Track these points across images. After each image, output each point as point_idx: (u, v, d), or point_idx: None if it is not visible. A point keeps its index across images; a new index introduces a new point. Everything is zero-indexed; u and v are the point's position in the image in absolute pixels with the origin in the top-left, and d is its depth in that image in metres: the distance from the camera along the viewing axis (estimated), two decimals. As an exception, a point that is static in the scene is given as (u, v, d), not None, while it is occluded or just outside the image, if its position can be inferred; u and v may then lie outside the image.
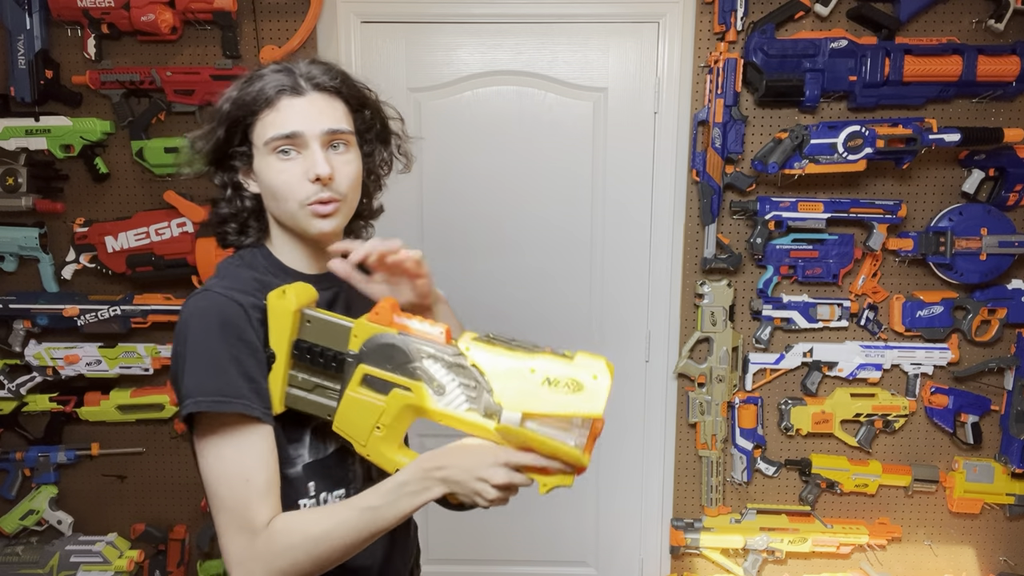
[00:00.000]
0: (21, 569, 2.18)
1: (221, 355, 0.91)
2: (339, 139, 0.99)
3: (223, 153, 1.01)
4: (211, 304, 0.93)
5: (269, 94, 0.96)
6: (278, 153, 0.96)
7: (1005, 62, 1.98)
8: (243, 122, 0.98)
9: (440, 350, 0.89)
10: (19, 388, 2.19)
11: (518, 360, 0.86)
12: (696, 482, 2.31)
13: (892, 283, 2.18)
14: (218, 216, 1.05)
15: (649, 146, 2.18)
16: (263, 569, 0.91)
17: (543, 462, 0.89)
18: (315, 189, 0.96)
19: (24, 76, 2.04)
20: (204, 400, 0.89)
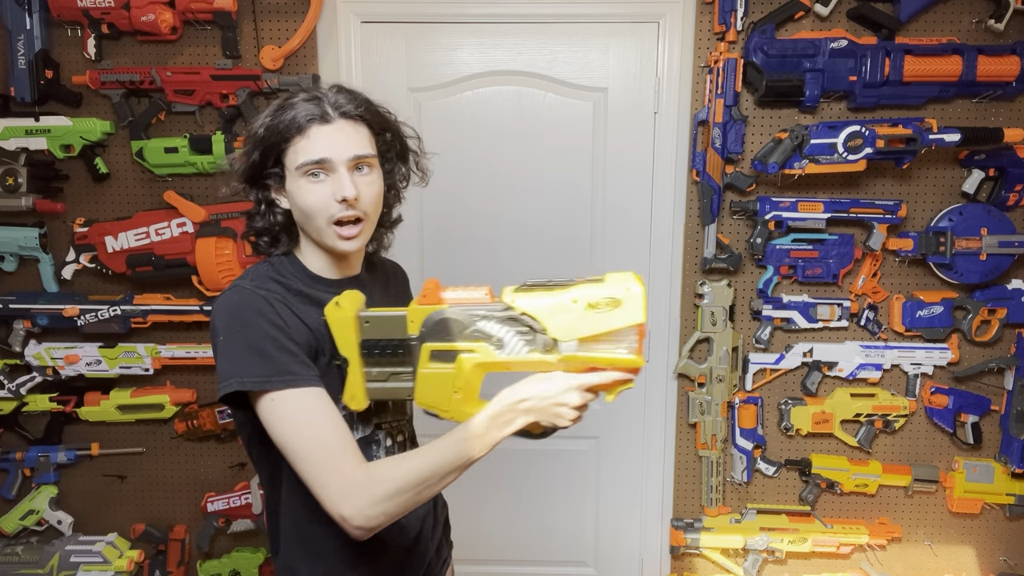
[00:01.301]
0: (21, 569, 2.18)
1: (261, 338, 1.01)
2: (363, 162, 1.09)
3: (258, 173, 1.11)
4: (243, 297, 1.04)
5: (300, 123, 1.06)
6: (309, 176, 1.07)
7: (1005, 62, 1.98)
8: (277, 147, 1.08)
9: (489, 309, 0.99)
10: (19, 388, 2.19)
11: (558, 296, 0.96)
12: (696, 482, 2.31)
13: (892, 283, 2.18)
14: (253, 229, 1.17)
15: (649, 146, 2.18)
16: (366, 499, 0.98)
17: (607, 376, 0.99)
18: (341, 208, 1.07)
19: (24, 76, 2.05)
20: (249, 380, 0.99)
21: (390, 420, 1.20)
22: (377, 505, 0.98)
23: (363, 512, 0.98)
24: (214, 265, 2.05)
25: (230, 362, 1.01)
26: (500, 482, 2.36)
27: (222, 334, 1.02)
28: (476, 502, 2.36)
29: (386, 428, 1.19)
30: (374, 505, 0.98)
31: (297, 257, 1.16)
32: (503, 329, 0.99)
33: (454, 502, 2.45)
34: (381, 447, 1.18)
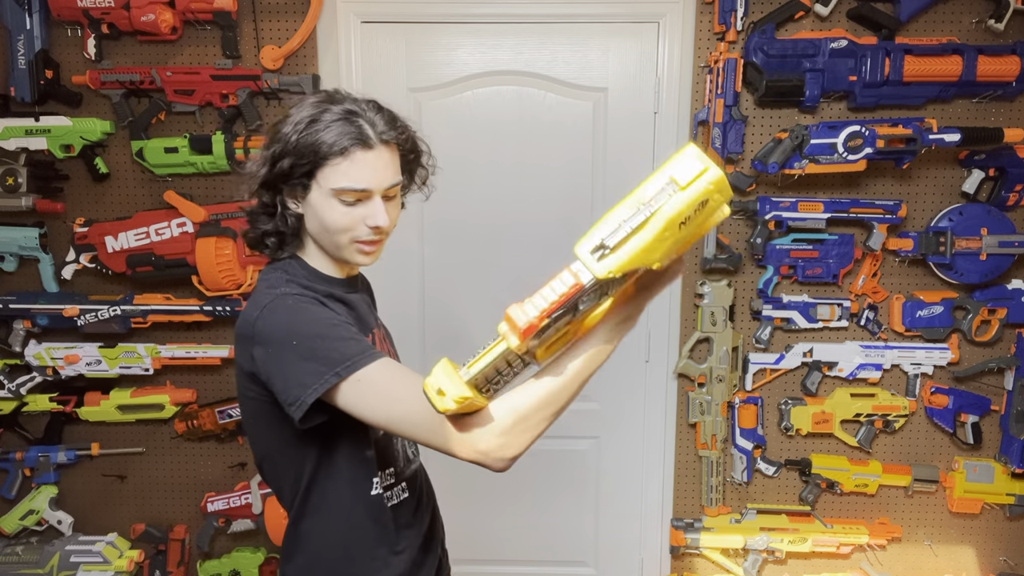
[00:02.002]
0: (21, 569, 2.18)
1: (336, 325, 1.02)
2: (394, 190, 1.12)
3: (281, 180, 1.09)
4: (295, 302, 1.04)
5: (344, 145, 1.04)
6: (342, 198, 1.06)
7: (1005, 62, 1.98)
8: (312, 163, 1.06)
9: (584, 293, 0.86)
10: (19, 388, 2.19)
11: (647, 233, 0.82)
12: (696, 482, 2.31)
13: (892, 283, 2.18)
14: (260, 230, 1.15)
15: (649, 146, 2.18)
16: (497, 428, 0.95)
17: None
18: (368, 232, 1.09)
19: (24, 76, 2.04)
20: (341, 370, 0.97)
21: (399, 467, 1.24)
22: (511, 431, 0.95)
23: (500, 440, 0.95)
24: (214, 265, 2.05)
25: (312, 362, 0.98)
26: (500, 482, 2.35)
27: (286, 343, 1.00)
28: (476, 502, 2.36)
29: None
30: (508, 431, 0.95)
31: (303, 259, 1.16)
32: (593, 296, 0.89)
33: (454, 501, 2.46)
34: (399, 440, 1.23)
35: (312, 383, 0.97)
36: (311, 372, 0.98)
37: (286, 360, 1.00)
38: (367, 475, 1.14)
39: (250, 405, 1.13)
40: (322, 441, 1.11)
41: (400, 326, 2.14)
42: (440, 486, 2.53)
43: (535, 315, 0.84)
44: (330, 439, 1.11)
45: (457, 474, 2.34)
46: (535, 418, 0.96)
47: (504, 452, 0.96)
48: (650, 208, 0.81)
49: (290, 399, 0.99)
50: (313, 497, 1.15)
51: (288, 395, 1.00)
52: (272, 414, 1.08)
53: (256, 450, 1.18)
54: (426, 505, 1.31)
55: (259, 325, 1.03)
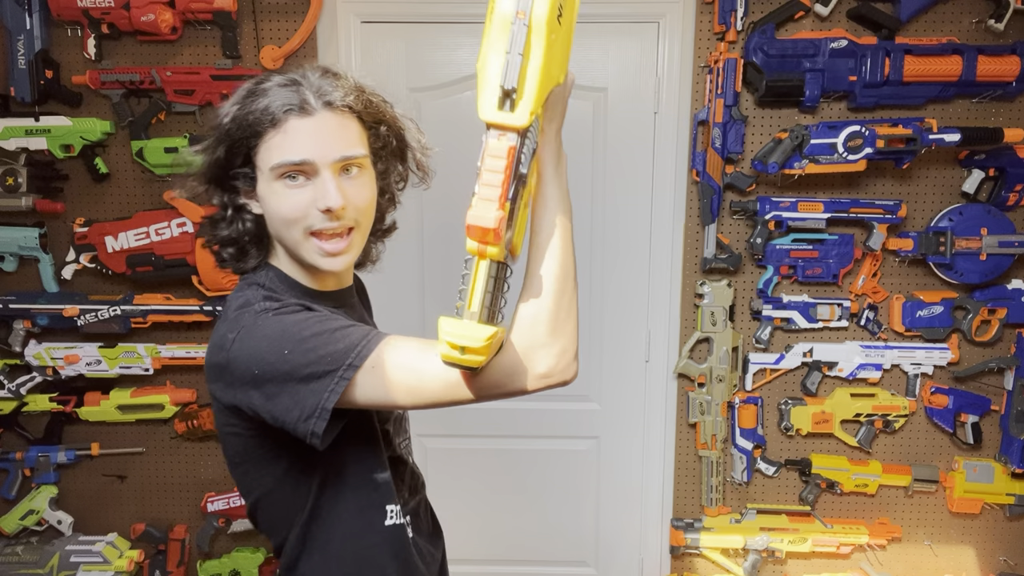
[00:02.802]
0: (21, 569, 2.18)
1: (330, 320, 0.88)
2: (352, 164, 0.92)
3: (224, 173, 0.94)
4: (275, 318, 0.89)
5: (275, 114, 0.88)
6: (285, 179, 0.90)
7: (1005, 62, 1.98)
8: (246, 143, 0.91)
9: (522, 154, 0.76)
10: (19, 388, 2.19)
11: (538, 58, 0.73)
12: (696, 482, 2.31)
13: (892, 283, 2.18)
14: (216, 238, 0.99)
15: (649, 146, 2.18)
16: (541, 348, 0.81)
17: None
18: (323, 219, 0.90)
19: (24, 76, 2.04)
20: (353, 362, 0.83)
21: (405, 439, 1.11)
22: (554, 333, 0.81)
23: (553, 350, 0.81)
24: (214, 265, 2.04)
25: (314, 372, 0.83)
26: (500, 482, 2.36)
27: (280, 359, 0.84)
28: (476, 502, 2.36)
29: (404, 448, 1.10)
30: (551, 336, 0.81)
31: (276, 267, 0.99)
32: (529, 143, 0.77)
33: (454, 501, 2.46)
34: (407, 468, 1.09)
35: (326, 387, 0.83)
36: (320, 375, 0.83)
37: (284, 373, 0.84)
38: (380, 502, 1.00)
39: (234, 443, 0.97)
40: (326, 468, 0.97)
41: (399, 327, 2.15)
42: (440, 486, 2.53)
43: (496, 207, 0.73)
44: (335, 463, 0.97)
45: (457, 474, 2.35)
46: (563, 306, 0.82)
47: (565, 357, 0.82)
48: (523, 22, 0.71)
49: (304, 414, 0.84)
50: (315, 533, 0.99)
51: (300, 411, 0.84)
52: (262, 448, 0.95)
53: (247, 493, 1.01)
54: (438, 535, 1.19)
55: (237, 350, 0.87)
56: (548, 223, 0.83)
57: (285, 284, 0.98)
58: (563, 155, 0.86)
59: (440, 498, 2.36)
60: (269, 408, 0.86)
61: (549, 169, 0.84)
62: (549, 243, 0.83)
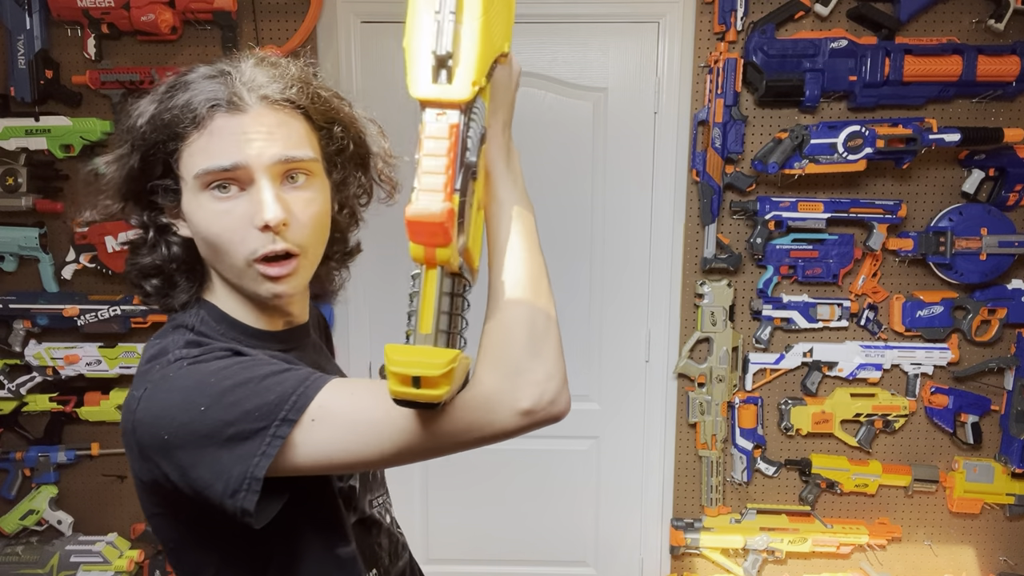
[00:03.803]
0: (21, 569, 2.18)
1: (254, 369, 0.70)
2: (297, 169, 0.75)
3: (141, 187, 0.77)
4: (194, 362, 0.71)
5: (198, 110, 0.72)
6: (213, 190, 0.73)
7: (1005, 62, 1.98)
8: (164, 148, 0.74)
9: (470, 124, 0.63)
10: (19, 388, 2.19)
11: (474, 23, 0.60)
12: (696, 482, 2.31)
13: (892, 283, 2.18)
14: (137, 268, 0.80)
15: (649, 146, 2.18)
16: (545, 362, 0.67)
17: None
18: (263, 240, 0.72)
19: (24, 76, 2.04)
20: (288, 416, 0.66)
21: (378, 496, 0.94)
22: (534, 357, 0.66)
23: (534, 376, 0.65)
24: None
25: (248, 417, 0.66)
26: (501, 482, 2.36)
27: (202, 404, 0.67)
28: (476, 502, 2.36)
29: (377, 507, 0.93)
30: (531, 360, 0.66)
31: (213, 304, 0.80)
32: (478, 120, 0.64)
33: (454, 501, 2.46)
34: (382, 531, 0.92)
35: (255, 450, 0.65)
36: (247, 435, 0.65)
37: (202, 437, 0.66)
38: None
39: (163, 527, 0.79)
40: (271, 549, 0.77)
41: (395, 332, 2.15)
42: (440, 487, 2.53)
43: (443, 197, 0.58)
44: (286, 541, 0.78)
45: (457, 474, 2.35)
46: (538, 321, 0.68)
47: (551, 384, 0.66)
48: None
49: (230, 487, 0.65)
50: None
51: (224, 484, 0.66)
52: (197, 531, 0.76)
53: None
54: None
55: (143, 411, 0.69)
56: (506, 226, 0.70)
57: (223, 324, 0.79)
58: (515, 151, 0.75)
59: (440, 498, 2.38)
60: (188, 481, 0.68)
61: (499, 165, 0.71)
62: (510, 247, 0.70)
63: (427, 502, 2.35)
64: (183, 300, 0.80)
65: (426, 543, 2.38)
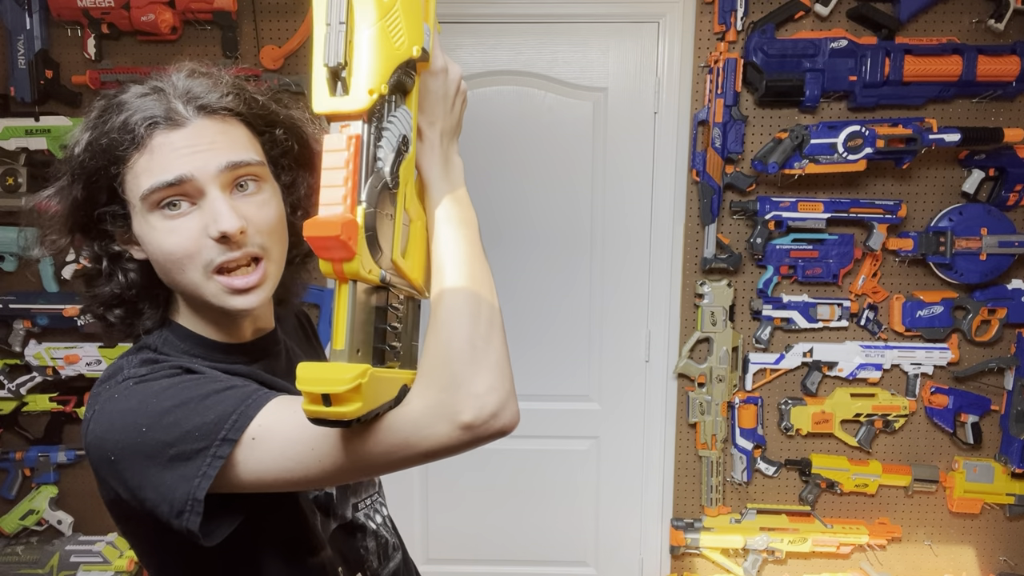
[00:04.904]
0: (21, 569, 2.18)
1: (189, 390, 0.69)
2: (246, 175, 0.74)
3: (88, 216, 0.75)
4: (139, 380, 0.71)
5: (136, 130, 0.70)
6: (163, 209, 0.71)
7: (1005, 62, 1.98)
8: (106, 174, 0.72)
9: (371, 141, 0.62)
10: (19, 388, 2.19)
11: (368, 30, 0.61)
12: (696, 482, 2.31)
13: (892, 283, 2.18)
14: (97, 299, 0.78)
15: (649, 146, 2.18)
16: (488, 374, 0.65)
17: None
18: (221, 250, 0.72)
19: (24, 76, 2.05)
20: (228, 435, 0.65)
21: (365, 497, 0.93)
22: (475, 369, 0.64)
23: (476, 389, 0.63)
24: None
25: (187, 438, 0.65)
26: (500, 482, 2.36)
27: (143, 425, 0.67)
28: (476, 502, 2.36)
29: (364, 509, 0.92)
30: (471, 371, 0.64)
31: (179, 323, 0.80)
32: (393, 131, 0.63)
33: (453, 501, 2.46)
34: (368, 534, 0.90)
35: (195, 471, 0.65)
36: (188, 455, 0.65)
37: (145, 457, 0.66)
38: None
39: (136, 543, 0.79)
40: (241, 559, 0.76)
41: None
42: (440, 487, 2.53)
43: (342, 209, 0.57)
44: (251, 553, 0.77)
45: (457, 473, 2.35)
46: (479, 330, 0.65)
47: (494, 396, 0.63)
48: None
49: (175, 508, 0.65)
50: None
51: (169, 506, 0.65)
52: (164, 546, 0.76)
53: None
54: None
55: (91, 436, 0.70)
56: (444, 236, 0.69)
57: (188, 342, 0.78)
58: (457, 161, 0.74)
59: (440, 499, 2.38)
60: (138, 501, 0.68)
61: (433, 174, 0.71)
62: (448, 258, 0.68)
63: (427, 502, 2.35)
64: (148, 326, 0.79)
65: (425, 543, 2.38)
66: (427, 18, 0.68)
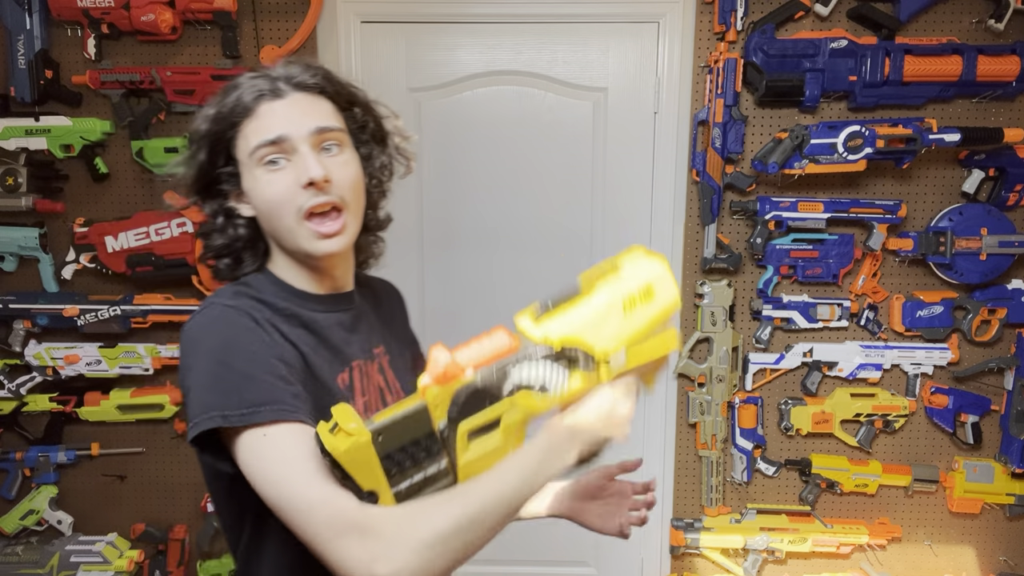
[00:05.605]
0: (21, 569, 2.18)
1: (248, 360, 0.82)
2: (330, 139, 0.91)
3: (209, 178, 0.93)
4: (224, 314, 0.85)
5: (247, 102, 0.89)
6: (265, 164, 0.89)
7: (1005, 62, 1.98)
8: (224, 138, 0.91)
9: (520, 356, 0.81)
10: (19, 388, 2.19)
11: (589, 308, 0.81)
12: (696, 482, 2.31)
13: (892, 283, 2.18)
14: (212, 249, 0.97)
15: (649, 146, 2.18)
16: (404, 549, 0.73)
17: (645, 367, 0.89)
18: (310, 194, 0.87)
19: (24, 76, 2.04)
20: (234, 413, 0.78)
21: None
22: (421, 553, 0.73)
23: (406, 565, 0.72)
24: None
25: (209, 392, 0.80)
26: (500, 482, 2.35)
27: (197, 359, 0.83)
28: (476, 502, 2.36)
29: None
30: (418, 553, 0.72)
31: (272, 273, 0.96)
32: (543, 369, 0.80)
33: (454, 502, 2.43)
34: None
35: (198, 413, 0.80)
36: (202, 402, 0.80)
37: (191, 373, 0.83)
38: None
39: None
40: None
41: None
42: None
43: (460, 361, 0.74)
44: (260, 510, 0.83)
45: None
46: (444, 541, 0.74)
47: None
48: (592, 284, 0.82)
49: (191, 418, 0.81)
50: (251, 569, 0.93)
51: (187, 413, 0.83)
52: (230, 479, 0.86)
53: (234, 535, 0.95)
54: None
55: (183, 334, 0.86)
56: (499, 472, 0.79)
57: (275, 286, 0.94)
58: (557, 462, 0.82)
59: (440, 498, 2.33)
60: (184, 390, 0.85)
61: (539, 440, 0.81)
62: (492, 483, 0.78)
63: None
64: (247, 272, 0.97)
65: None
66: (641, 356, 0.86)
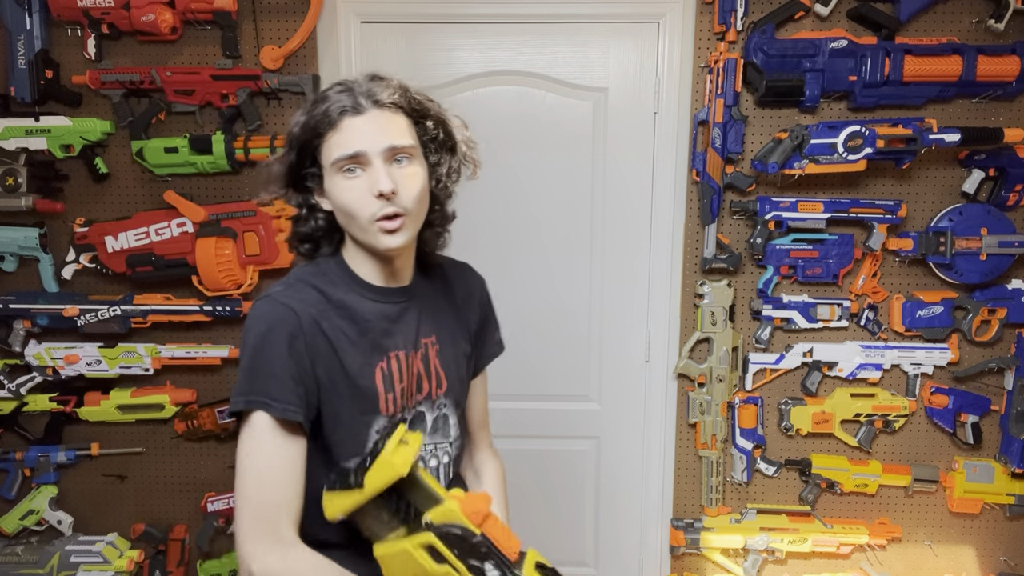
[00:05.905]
0: (21, 569, 2.18)
1: (272, 359, 0.99)
2: (401, 153, 1.03)
3: (297, 175, 1.08)
4: (269, 311, 1.02)
5: (332, 116, 1.01)
6: (344, 172, 1.02)
7: (1005, 62, 1.98)
8: (312, 144, 1.05)
9: (508, 566, 0.93)
10: (19, 388, 2.19)
11: None
12: (696, 482, 2.31)
13: (892, 283, 2.18)
14: (297, 235, 1.14)
15: (649, 146, 2.18)
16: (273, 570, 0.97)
17: None
18: (380, 204, 1.01)
19: (24, 76, 2.04)
20: (256, 400, 0.98)
21: (427, 443, 1.17)
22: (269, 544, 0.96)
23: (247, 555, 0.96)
24: (214, 265, 2.05)
25: (246, 377, 1.00)
26: (500, 482, 2.36)
27: (246, 345, 1.01)
28: (476, 502, 2.36)
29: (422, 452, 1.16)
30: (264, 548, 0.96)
31: (343, 258, 1.13)
32: None
33: (454, 502, 2.43)
34: None
35: (234, 394, 1.00)
36: (238, 384, 1.01)
37: (240, 357, 1.03)
38: None
39: None
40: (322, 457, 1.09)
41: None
42: (440, 486, 2.48)
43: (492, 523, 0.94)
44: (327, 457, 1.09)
45: (457, 474, 2.35)
46: None
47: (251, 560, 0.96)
48: None
49: (234, 395, 1.02)
50: None
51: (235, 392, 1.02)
52: None
53: None
54: None
55: (246, 317, 1.05)
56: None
57: (341, 271, 1.11)
58: None
59: (440, 498, 2.32)
60: None
61: None
62: None
63: (427, 502, 2.35)
64: (324, 255, 1.14)
65: (426, 543, 2.38)
66: None
